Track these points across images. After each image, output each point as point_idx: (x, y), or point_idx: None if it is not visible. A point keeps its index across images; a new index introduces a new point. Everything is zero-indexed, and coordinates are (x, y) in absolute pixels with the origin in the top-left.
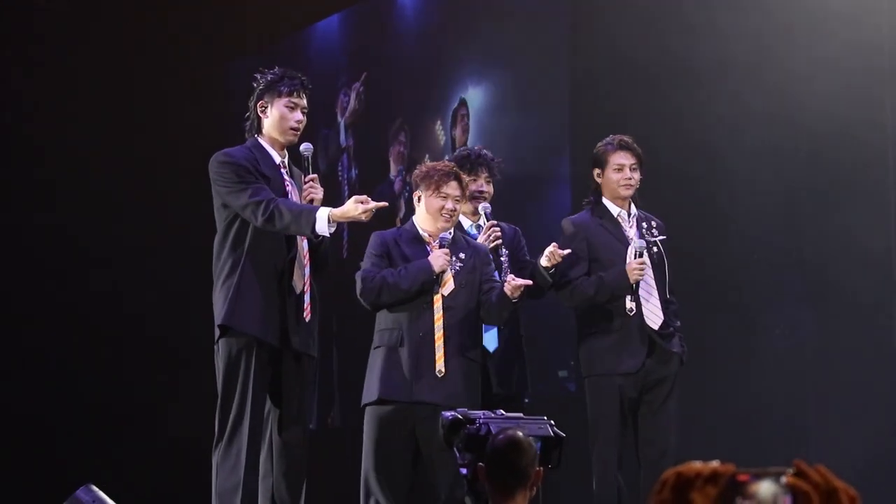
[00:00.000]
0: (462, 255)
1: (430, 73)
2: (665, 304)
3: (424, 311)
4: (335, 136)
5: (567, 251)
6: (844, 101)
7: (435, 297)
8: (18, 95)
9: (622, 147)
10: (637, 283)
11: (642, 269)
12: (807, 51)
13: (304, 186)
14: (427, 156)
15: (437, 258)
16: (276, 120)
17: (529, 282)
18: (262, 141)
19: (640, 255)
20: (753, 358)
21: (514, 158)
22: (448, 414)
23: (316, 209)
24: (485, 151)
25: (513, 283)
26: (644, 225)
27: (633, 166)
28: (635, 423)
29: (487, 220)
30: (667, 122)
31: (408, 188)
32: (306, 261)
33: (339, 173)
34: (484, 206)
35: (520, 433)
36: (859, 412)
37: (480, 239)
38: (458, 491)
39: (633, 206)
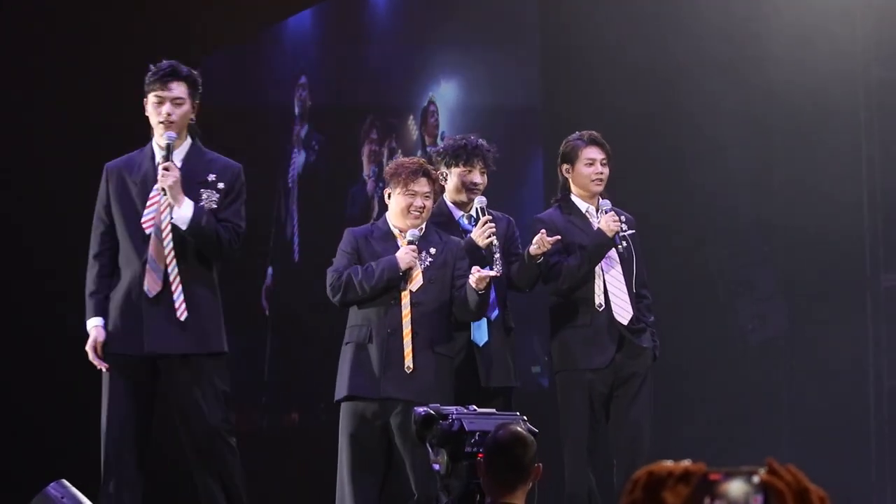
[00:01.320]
0: (433, 251)
1: (401, 68)
2: (636, 299)
3: (392, 307)
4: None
5: (556, 237)
6: (821, 101)
7: (403, 294)
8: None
9: (592, 142)
10: (616, 235)
11: (616, 220)
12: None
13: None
14: (400, 152)
15: (404, 255)
16: (150, 116)
17: (494, 272)
18: (152, 141)
19: (607, 213)
20: (726, 352)
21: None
22: (420, 409)
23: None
24: (481, 142)
25: (476, 274)
26: (623, 219)
27: (604, 161)
28: (608, 419)
29: (483, 215)
30: (642, 117)
31: (380, 187)
32: (167, 261)
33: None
34: (480, 200)
35: (520, 428)
36: (833, 408)
37: (475, 233)
38: (430, 486)
39: (600, 200)
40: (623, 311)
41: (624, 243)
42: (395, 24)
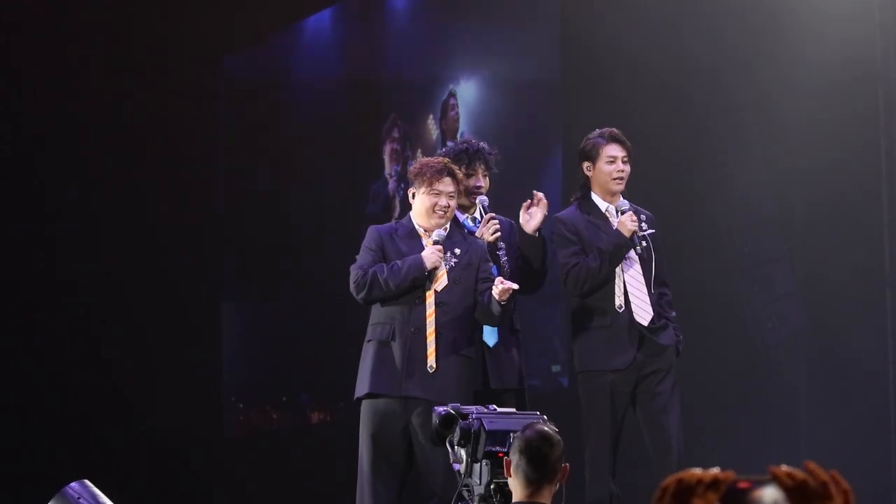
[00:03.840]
0: (457, 251)
1: (421, 67)
2: (656, 297)
3: (417, 307)
4: None
5: (514, 286)
6: (838, 97)
7: (427, 293)
8: (12, 97)
9: (613, 139)
10: (633, 236)
11: (634, 220)
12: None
13: None
14: (420, 151)
15: (430, 255)
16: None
17: (516, 286)
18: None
19: (624, 214)
20: (745, 349)
21: (503, 152)
22: (440, 409)
23: None
24: (482, 145)
25: (500, 286)
26: (643, 217)
27: (625, 159)
28: (641, 419)
29: (485, 213)
30: (660, 115)
31: (402, 187)
32: None
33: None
34: (481, 199)
35: (548, 427)
36: (852, 405)
37: (479, 231)
38: (450, 487)
39: (619, 200)
40: (643, 312)
41: (644, 243)
42: (415, 20)
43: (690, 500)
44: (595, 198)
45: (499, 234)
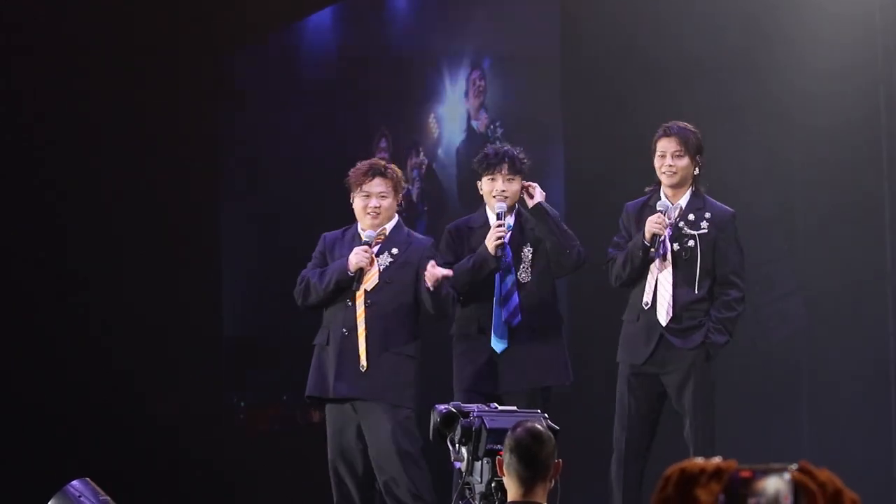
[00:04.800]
0: (395, 251)
1: (422, 65)
2: (701, 298)
3: (349, 308)
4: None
5: (446, 272)
6: (839, 96)
7: (357, 294)
8: (17, 95)
9: (666, 133)
10: (656, 238)
11: (659, 222)
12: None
13: None
14: (421, 150)
15: (354, 256)
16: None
17: (447, 272)
18: None
19: (663, 212)
20: (747, 348)
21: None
22: (442, 407)
23: None
24: (506, 148)
25: (429, 271)
26: (691, 217)
27: (676, 153)
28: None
29: (499, 220)
30: (659, 115)
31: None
32: None
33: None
34: (499, 206)
35: (538, 425)
36: (854, 403)
37: (487, 239)
38: (411, 474)
39: (690, 195)
40: (663, 312)
41: (691, 242)
42: (416, 19)
43: (693, 490)
44: (663, 190)
45: (500, 241)
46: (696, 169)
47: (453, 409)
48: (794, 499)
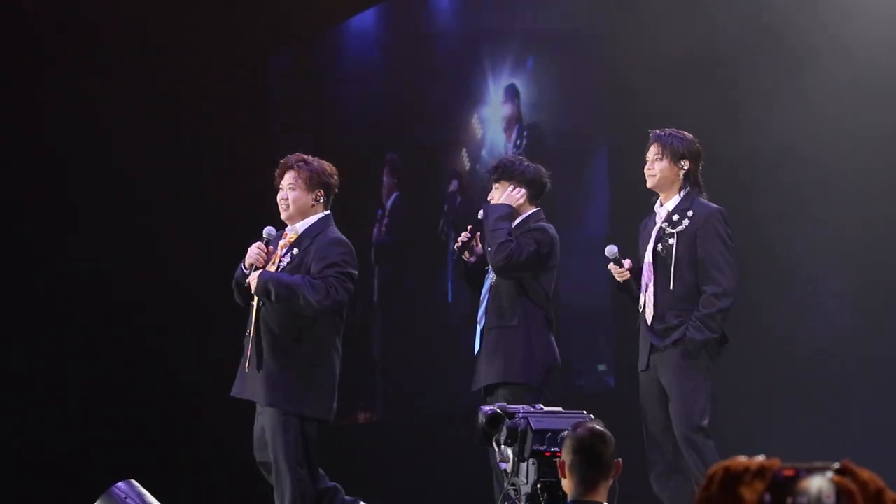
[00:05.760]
0: (295, 251)
1: (465, 65)
2: (666, 298)
3: (251, 308)
4: None
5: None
6: (886, 96)
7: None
8: (54, 97)
9: (650, 140)
10: (627, 283)
11: (616, 272)
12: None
13: None
14: (464, 150)
15: (248, 253)
16: None
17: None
18: None
19: (614, 261)
20: (794, 347)
21: (550, 149)
22: (487, 408)
23: None
24: (503, 159)
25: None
26: (675, 217)
27: (656, 157)
28: None
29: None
30: (704, 112)
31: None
32: None
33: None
34: (480, 213)
35: (599, 425)
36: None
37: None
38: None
39: (680, 198)
40: (649, 313)
41: (659, 246)
42: (459, 19)
43: (737, 489)
44: (661, 197)
45: (459, 243)
46: (682, 172)
47: (498, 410)
48: (837, 498)
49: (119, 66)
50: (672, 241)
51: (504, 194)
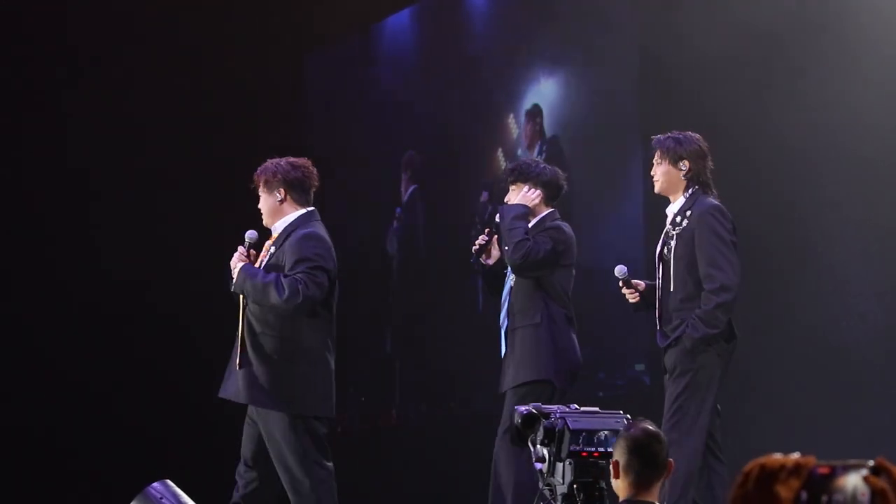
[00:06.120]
0: (272, 250)
1: (501, 66)
2: (671, 300)
3: (239, 307)
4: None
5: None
6: None
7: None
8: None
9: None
10: (636, 306)
11: (629, 295)
12: None
13: None
14: (500, 150)
15: (234, 257)
16: None
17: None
18: None
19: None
20: (826, 348)
21: (584, 151)
22: (522, 408)
23: None
24: (520, 161)
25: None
26: (678, 219)
27: (656, 161)
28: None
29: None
30: (742, 116)
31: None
32: None
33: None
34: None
35: (651, 425)
36: None
37: None
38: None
39: (684, 199)
40: (658, 316)
41: (665, 249)
42: (495, 19)
43: (773, 486)
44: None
45: (476, 246)
46: (683, 173)
47: (534, 410)
48: (872, 497)
49: (152, 65)
50: (673, 242)
51: (520, 195)
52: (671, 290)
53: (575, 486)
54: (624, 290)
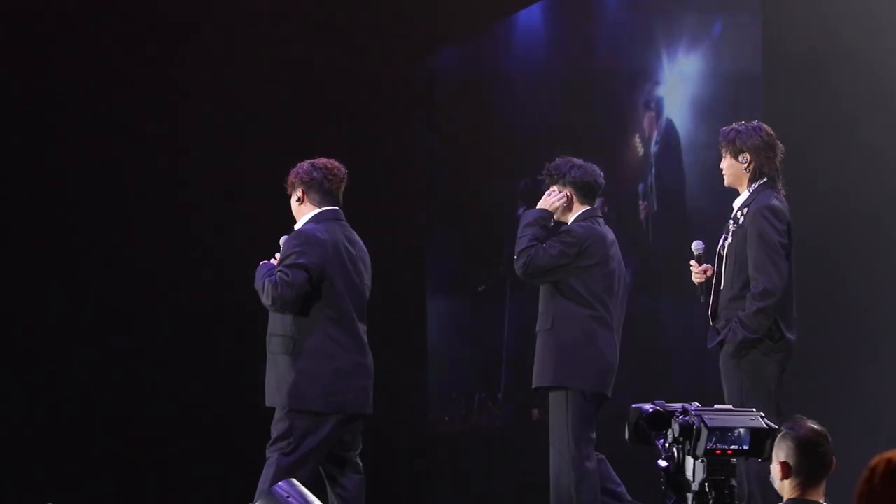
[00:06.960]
0: (278, 255)
1: (634, 56)
2: (722, 298)
3: None
4: None
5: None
6: None
7: None
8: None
9: None
10: (702, 285)
11: (696, 273)
12: None
13: None
14: (637, 136)
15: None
16: None
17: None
18: None
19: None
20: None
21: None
22: (647, 406)
23: None
24: (555, 161)
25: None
26: (738, 214)
27: (722, 156)
28: None
29: None
30: (866, 111)
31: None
32: None
33: None
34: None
35: (816, 424)
36: None
37: None
38: None
39: (748, 193)
40: (710, 313)
41: (730, 239)
42: (621, 13)
43: None
44: None
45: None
46: (745, 166)
47: (660, 409)
48: None
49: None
50: (729, 238)
51: (543, 198)
52: (721, 287)
53: (706, 484)
54: (693, 267)
